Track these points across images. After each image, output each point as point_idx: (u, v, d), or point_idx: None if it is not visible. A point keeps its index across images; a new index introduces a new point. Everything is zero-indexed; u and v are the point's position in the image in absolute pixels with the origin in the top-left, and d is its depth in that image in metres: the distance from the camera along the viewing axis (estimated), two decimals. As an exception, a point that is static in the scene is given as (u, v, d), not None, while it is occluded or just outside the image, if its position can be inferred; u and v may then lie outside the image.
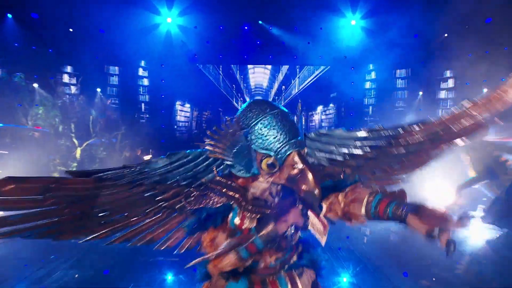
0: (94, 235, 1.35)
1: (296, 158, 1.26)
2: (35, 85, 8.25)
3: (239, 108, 1.47)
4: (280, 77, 13.35)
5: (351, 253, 3.68)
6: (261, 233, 1.26)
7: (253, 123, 1.29)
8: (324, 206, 1.46)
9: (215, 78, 12.86)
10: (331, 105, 13.35)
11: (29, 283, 3.02)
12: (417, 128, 1.57)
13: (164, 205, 1.41)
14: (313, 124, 13.92)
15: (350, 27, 11.12)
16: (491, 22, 8.20)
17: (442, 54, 9.62)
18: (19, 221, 1.19)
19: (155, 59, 11.23)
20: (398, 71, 11.91)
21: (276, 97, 13.54)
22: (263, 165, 1.29)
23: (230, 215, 1.35)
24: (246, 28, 11.74)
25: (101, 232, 1.36)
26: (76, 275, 3.11)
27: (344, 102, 12.73)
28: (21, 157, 6.27)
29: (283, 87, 13.36)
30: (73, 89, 9.37)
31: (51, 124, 7.27)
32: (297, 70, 13.22)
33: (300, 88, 13.38)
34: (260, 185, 1.36)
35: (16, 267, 3.41)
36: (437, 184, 6.21)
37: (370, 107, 12.50)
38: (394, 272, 3.19)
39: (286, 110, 1.37)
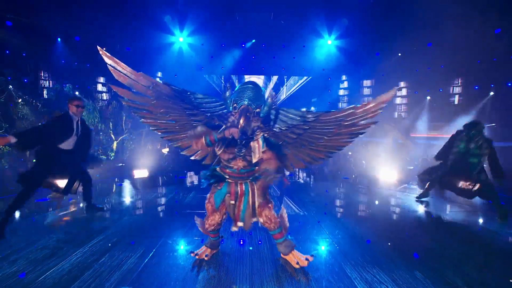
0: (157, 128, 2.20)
1: (242, 108, 1.96)
2: (76, 93, 9.03)
3: None
4: (271, 85, 13.85)
5: (329, 225, 3.59)
6: (218, 133, 2.00)
7: (238, 86, 2.10)
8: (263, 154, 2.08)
9: (218, 86, 13.39)
10: (312, 108, 13.80)
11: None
12: (326, 114, 2.12)
13: (194, 121, 2.18)
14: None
15: (327, 45, 11.94)
16: (432, 46, 9.23)
17: (397, 68, 10.55)
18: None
19: (169, 71, 11.84)
20: (364, 81, 12.69)
21: (268, 101, 14.02)
22: (232, 107, 2.04)
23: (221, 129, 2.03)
24: (243, 45, 12.47)
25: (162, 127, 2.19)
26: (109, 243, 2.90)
27: (323, 106, 13.38)
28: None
29: (273, 93, 13.94)
30: (106, 96, 10.12)
31: (92, 123, 8.11)
32: (285, 79, 13.78)
33: (288, 94, 13.95)
34: (231, 117, 2.07)
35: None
36: (386, 169, 7.36)
37: (343, 110, 13.31)
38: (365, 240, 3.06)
39: (256, 88, 2.04)
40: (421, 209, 4.57)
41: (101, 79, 10.38)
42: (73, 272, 2.30)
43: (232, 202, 2.27)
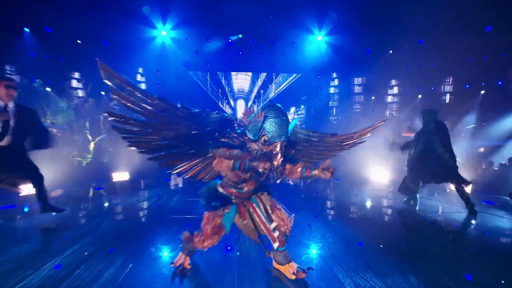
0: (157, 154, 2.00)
1: (278, 146, 1.97)
2: (48, 89, 8.69)
3: (225, 108, 2.32)
4: (259, 82, 13.81)
5: (320, 229, 3.64)
6: (250, 164, 1.97)
7: (270, 117, 1.96)
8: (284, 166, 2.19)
9: (203, 83, 13.22)
10: (302, 106, 14.01)
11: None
12: (330, 137, 2.49)
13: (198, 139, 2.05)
14: (287, 122, 14.44)
15: (317, 41, 11.93)
16: (423, 43, 9.51)
17: (388, 66, 10.74)
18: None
19: (151, 67, 11.59)
20: (355, 79, 12.85)
21: (256, 100, 14.15)
22: (262, 138, 1.99)
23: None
24: (230, 40, 12.37)
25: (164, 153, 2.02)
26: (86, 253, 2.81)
27: (313, 104, 13.48)
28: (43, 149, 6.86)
29: (262, 91, 13.81)
30: (81, 93, 9.78)
31: (66, 122, 7.84)
32: (273, 76, 13.74)
33: (276, 92, 13.91)
34: (254, 145, 2.04)
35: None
36: (378, 169, 7.51)
37: (334, 109, 13.38)
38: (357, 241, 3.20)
39: (288, 119, 2.02)
40: (412, 210, 4.68)
41: (76, 75, 9.96)
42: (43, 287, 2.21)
43: (245, 222, 2.22)
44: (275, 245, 2.23)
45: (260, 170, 1.98)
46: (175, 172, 2.23)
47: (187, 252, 2.48)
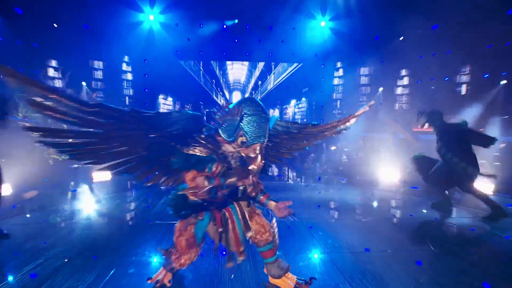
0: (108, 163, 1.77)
1: (257, 148, 1.84)
2: (22, 78, 8.38)
3: (219, 101, 2.11)
4: (257, 73, 13.72)
5: (322, 233, 3.55)
6: (227, 181, 1.89)
7: (248, 114, 1.80)
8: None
9: (196, 73, 13.06)
10: (303, 99, 13.92)
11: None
12: (312, 127, 2.43)
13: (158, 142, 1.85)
14: (287, 116, 14.40)
15: (320, 28, 11.79)
16: (437, 28, 9.29)
17: (398, 55, 10.49)
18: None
19: (138, 55, 11.40)
20: (362, 69, 12.66)
21: (253, 91, 13.99)
22: (239, 139, 1.84)
23: (210, 164, 1.88)
24: (225, 26, 12.14)
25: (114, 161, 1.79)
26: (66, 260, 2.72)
27: (315, 97, 13.31)
28: (14, 146, 6.61)
29: (259, 82, 13.77)
30: (59, 83, 9.50)
31: (41, 116, 7.52)
32: (272, 66, 13.61)
33: (275, 83, 13.82)
34: (230, 147, 1.89)
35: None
36: (386, 168, 7.35)
37: (338, 101, 13.20)
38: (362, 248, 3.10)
39: (268, 117, 1.90)
40: (425, 213, 4.52)
41: (53, 63, 9.72)
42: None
43: (220, 229, 2.05)
44: (240, 258, 2.09)
45: (240, 187, 1.97)
46: (136, 180, 2.00)
47: (169, 268, 2.25)
